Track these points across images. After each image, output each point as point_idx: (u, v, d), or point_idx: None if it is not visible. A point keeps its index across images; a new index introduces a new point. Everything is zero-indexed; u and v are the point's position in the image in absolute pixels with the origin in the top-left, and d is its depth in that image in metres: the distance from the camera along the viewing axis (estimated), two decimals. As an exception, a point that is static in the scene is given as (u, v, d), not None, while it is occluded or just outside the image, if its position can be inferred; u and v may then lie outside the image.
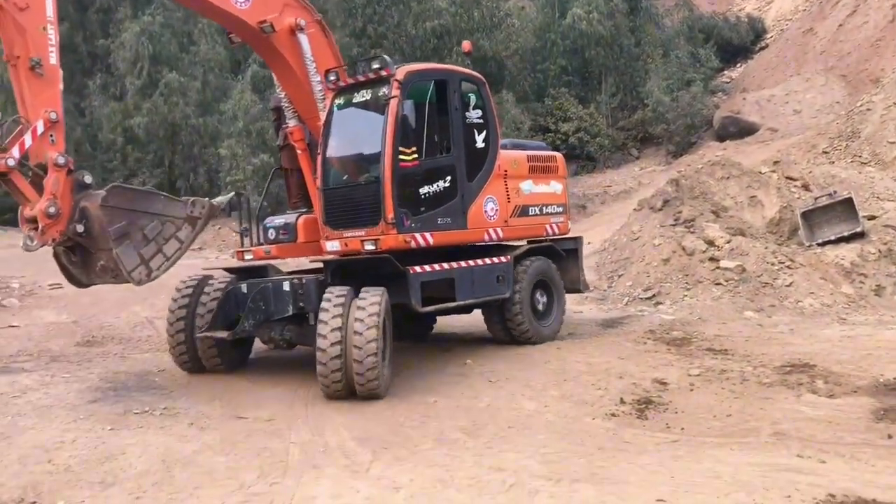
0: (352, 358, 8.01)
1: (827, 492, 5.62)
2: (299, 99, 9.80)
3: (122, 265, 7.32)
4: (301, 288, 8.73)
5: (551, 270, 10.83)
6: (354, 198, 9.23)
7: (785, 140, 26.47)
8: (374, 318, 8.05)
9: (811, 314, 12.51)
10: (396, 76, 8.93)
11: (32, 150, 7.26)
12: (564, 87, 31.98)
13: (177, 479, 6.42)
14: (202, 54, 30.68)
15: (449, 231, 9.43)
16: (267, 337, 9.10)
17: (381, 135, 8.79)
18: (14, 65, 7.38)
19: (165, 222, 7.70)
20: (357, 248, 8.92)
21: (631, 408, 7.90)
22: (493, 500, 5.81)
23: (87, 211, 7.39)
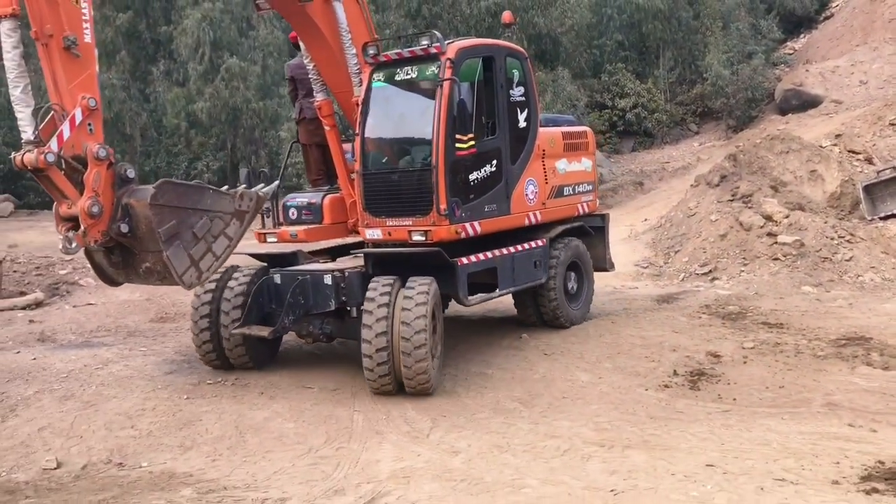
0: (399, 352, 7.66)
1: (876, 458, 5.75)
2: (330, 72, 9.16)
3: (174, 269, 6.68)
4: (343, 281, 8.32)
5: (582, 251, 10.56)
6: (401, 184, 8.64)
7: (850, 112, 25.76)
8: (422, 309, 7.67)
9: (871, 289, 12.38)
10: (448, 54, 8.33)
11: (69, 141, 6.41)
12: (621, 62, 31.61)
13: (249, 444, 6.87)
14: (261, 39, 31.23)
15: (494, 218, 9.01)
16: (305, 331, 8.69)
17: (434, 119, 8.22)
18: (45, 44, 6.39)
19: (214, 218, 7.06)
20: (402, 238, 8.48)
21: (683, 379, 8.07)
22: (548, 464, 6.08)
23: (133, 209, 6.64)
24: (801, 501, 5.06)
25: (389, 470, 6.13)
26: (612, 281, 13.53)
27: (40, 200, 28.56)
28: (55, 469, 6.54)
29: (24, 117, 6.41)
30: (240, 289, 8.76)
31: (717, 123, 30.83)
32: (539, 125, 9.75)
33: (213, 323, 8.74)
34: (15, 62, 6.35)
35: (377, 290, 7.82)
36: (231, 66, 29.11)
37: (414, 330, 7.58)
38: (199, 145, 30.67)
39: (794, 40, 37.23)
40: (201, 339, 8.79)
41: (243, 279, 8.85)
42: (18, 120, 6.45)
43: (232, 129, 30.29)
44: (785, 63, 33.87)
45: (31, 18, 6.35)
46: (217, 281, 8.85)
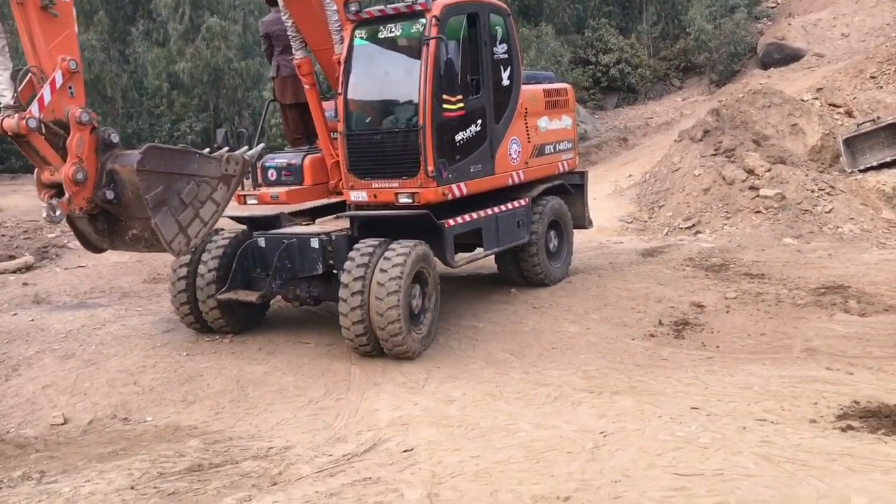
0: (375, 315, 7.56)
1: (852, 399, 6.04)
2: (310, 29, 8.81)
3: (162, 236, 6.47)
4: (330, 244, 8.22)
5: (563, 210, 10.55)
6: (386, 145, 8.49)
7: (831, 66, 25.94)
8: (397, 270, 7.53)
9: (851, 239, 12.68)
10: (433, 12, 8.09)
11: (49, 106, 6.12)
12: (605, 17, 31.53)
13: (251, 397, 7.10)
14: (241, -4, 30.91)
15: (480, 179, 8.90)
16: (292, 295, 8.54)
17: (420, 79, 8.00)
18: (21, 3, 6.08)
19: (201, 183, 6.82)
20: (389, 200, 8.33)
21: (668, 329, 8.34)
22: (540, 409, 6.34)
23: (118, 175, 6.37)
24: (780, 439, 5.34)
25: (388, 418, 6.38)
26: (597, 236, 13.76)
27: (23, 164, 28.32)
28: (62, 424, 6.74)
29: (3, 80, 6.19)
30: (217, 252, 8.65)
31: (700, 78, 30.92)
32: (521, 83, 9.66)
33: (191, 286, 8.64)
34: None
35: (358, 252, 7.78)
36: (212, 26, 28.78)
37: (387, 291, 7.48)
38: (181, 106, 30.41)
39: (776, -7, 37.17)
40: (179, 302, 8.73)
41: (221, 242, 8.74)
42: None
43: (214, 89, 30.05)
44: (767, 17, 33.88)
45: None
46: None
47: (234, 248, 8.73)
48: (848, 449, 5.07)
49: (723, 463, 5.00)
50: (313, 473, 5.39)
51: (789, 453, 5.06)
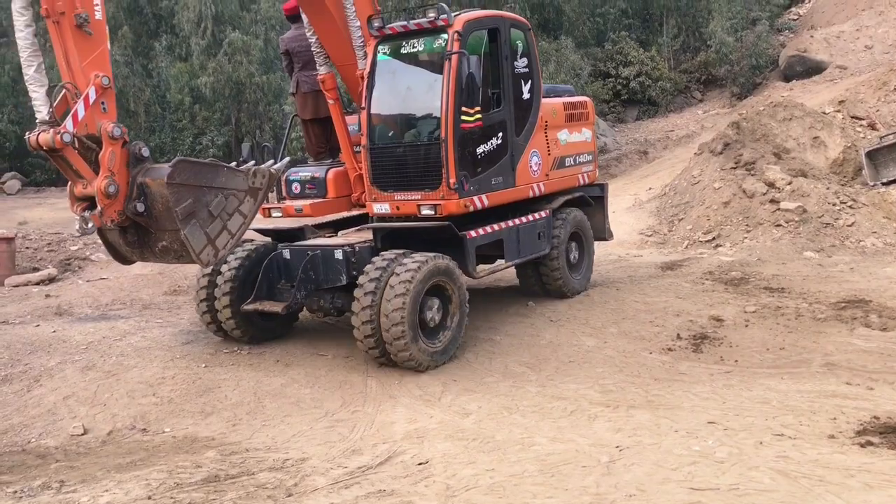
0: (383, 322, 7.65)
1: (872, 414, 5.98)
2: (333, 45, 8.98)
3: (192, 247, 6.62)
4: (354, 255, 8.32)
5: (583, 221, 10.66)
6: (409, 158, 8.62)
7: (854, 78, 25.73)
8: (402, 287, 7.59)
9: (873, 253, 12.55)
10: (455, 27, 8.25)
11: (83, 121, 6.30)
12: (625, 30, 31.54)
13: (268, 408, 7.14)
14: (263, 12, 31.23)
15: (501, 191, 9.01)
16: (316, 306, 8.69)
17: (443, 93, 8.17)
18: (57, 22, 6.24)
19: (229, 196, 6.94)
20: (411, 212, 8.48)
21: (687, 343, 8.29)
22: (556, 423, 6.33)
23: (148, 188, 6.53)
24: (798, 454, 5.29)
25: (404, 431, 6.39)
26: (616, 249, 13.73)
27: (47, 178, 28.81)
28: (82, 435, 6.82)
29: (39, 97, 6.34)
30: (234, 264, 8.80)
31: (722, 91, 30.79)
32: (542, 96, 9.78)
33: (212, 296, 8.82)
34: (28, 41, 6.30)
35: (374, 264, 7.90)
36: (234, 41, 29.15)
37: (392, 307, 7.57)
38: (203, 120, 30.79)
39: (798, 6, 36.97)
40: (201, 311, 8.95)
41: (240, 254, 8.86)
42: (33, 100, 6.38)
43: (236, 103, 30.38)
44: (789, 29, 33.71)
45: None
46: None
47: (251, 260, 8.86)
48: (866, 465, 5.01)
49: (739, 478, 4.96)
50: (328, 485, 5.41)
51: (806, 469, 5.01)
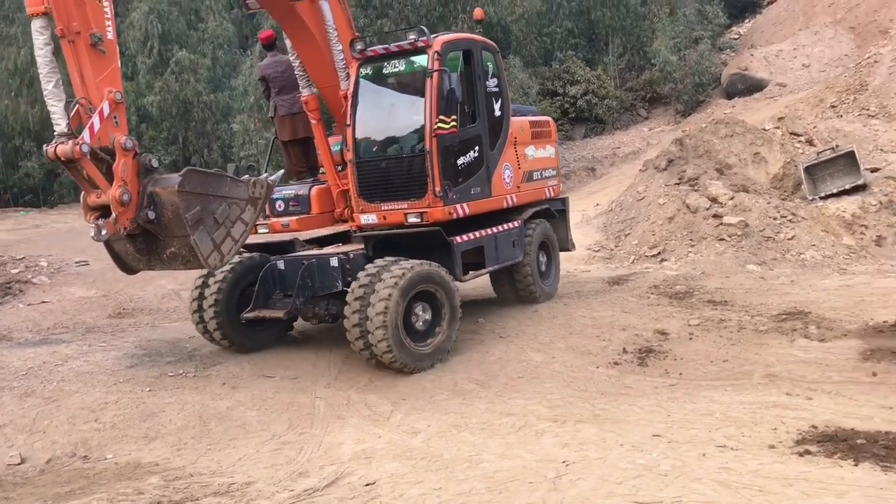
0: (368, 330, 8.04)
1: (810, 424, 6.11)
2: (316, 68, 9.52)
3: (200, 252, 7.04)
4: (348, 262, 8.81)
5: (550, 232, 11.33)
6: (394, 170, 9.11)
7: (793, 95, 26.51)
8: (386, 291, 7.98)
9: (812, 266, 12.90)
10: (434, 47, 8.87)
11: (98, 133, 6.72)
12: (571, 49, 32.08)
13: (213, 432, 7.03)
14: (210, 31, 31.03)
15: (479, 200, 9.54)
16: (311, 313, 9.09)
17: (426, 107, 8.73)
18: (72, 41, 6.68)
19: (232, 205, 7.41)
20: (398, 221, 8.96)
21: (632, 356, 8.40)
22: (504, 440, 6.35)
23: (158, 196, 6.97)
24: (739, 465, 5.39)
25: (351, 451, 6.35)
26: (565, 265, 13.83)
27: (-12, 199, 28.08)
28: (19, 464, 6.62)
29: (57, 111, 6.68)
30: (220, 276, 9.25)
31: (666, 108, 31.46)
32: (510, 114, 10.35)
33: (201, 308, 9.27)
34: (47, 58, 6.64)
35: (366, 272, 8.32)
36: (181, 59, 28.88)
37: (375, 311, 7.96)
38: (149, 139, 30.35)
39: (739, 25, 38.04)
40: (195, 321, 9.43)
41: (224, 268, 9.18)
42: (52, 113, 6.72)
43: (183, 122, 30.07)
44: (731, 48, 34.63)
45: (58, 17, 6.64)
46: (205, 275, 9.42)
47: (236, 273, 9.39)
48: (804, 473, 5.13)
49: (682, 490, 5.03)
50: (274, 509, 5.34)
51: (747, 479, 5.10)
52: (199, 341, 9.97)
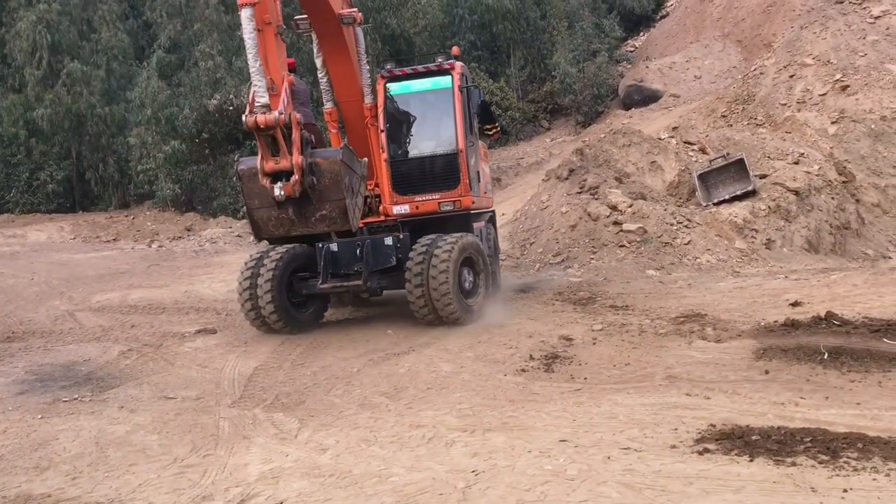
0: (432, 289, 9.84)
1: (709, 422, 6.32)
2: (344, 84, 10.96)
3: (352, 213, 8.48)
4: (399, 241, 10.38)
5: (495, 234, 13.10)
6: (426, 168, 10.98)
7: (686, 105, 27.59)
8: (447, 253, 9.91)
9: (708, 269, 13.41)
10: (458, 70, 11.00)
11: (286, 109, 7.99)
12: (474, 62, 32.44)
13: (111, 459, 6.71)
14: (104, 42, 29.97)
15: (478, 197, 11.35)
16: (366, 287, 10.32)
17: (456, 116, 10.79)
18: (260, 29, 7.99)
19: (359, 178, 8.80)
20: (431, 210, 10.80)
21: (539, 363, 8.51)
22: (413, 452, 6.31)
23: (318, 166, 8.32)
24: (643, 466, 5.52)
25: (258, 472, 6.17)
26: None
27: None
28: None
29: (261, 86, 7.93)
30: (271, 265, 10.39)
31: (567, 119, 32.21)
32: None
33: (253, 294, 10.35)
34: (253, 41, 7.89)
35: (420, 244, 10.15)
36: (72, 71, 27.82)
37: (439, 275, 9.81)
38: (40, 154, 29.05)
39: (634, 38, 39.37)
40: (246, 308, 10.46)
41: (275, 257, 10.51)
42: (256, 88, 7.96)
43: (76, 136, 28.92)
44: (627, 60, 35.77)
45: (258, 9, 8.00)
46: (256, 260, 10.64)
47: (284, 261, 10.52)
48: (704, 472, 5.29)
49: (588, 494, 5.11)
50: (177, 536, 5.14)
51: (650, 480, 5.23)
52: (94, 364, 9.57)
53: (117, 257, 20.02)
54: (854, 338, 8.24)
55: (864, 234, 16.49)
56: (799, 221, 15.38)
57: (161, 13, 30.12)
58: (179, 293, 14.23)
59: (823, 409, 6.42)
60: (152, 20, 31.46)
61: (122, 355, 9.96)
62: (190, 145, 26.32)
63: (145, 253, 21.15)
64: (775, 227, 15.14)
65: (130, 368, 9.32)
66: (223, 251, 20.70)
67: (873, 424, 5.97)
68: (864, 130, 18.44)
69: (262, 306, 10.33)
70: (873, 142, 18.21)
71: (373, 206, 11.17)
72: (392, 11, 29.20)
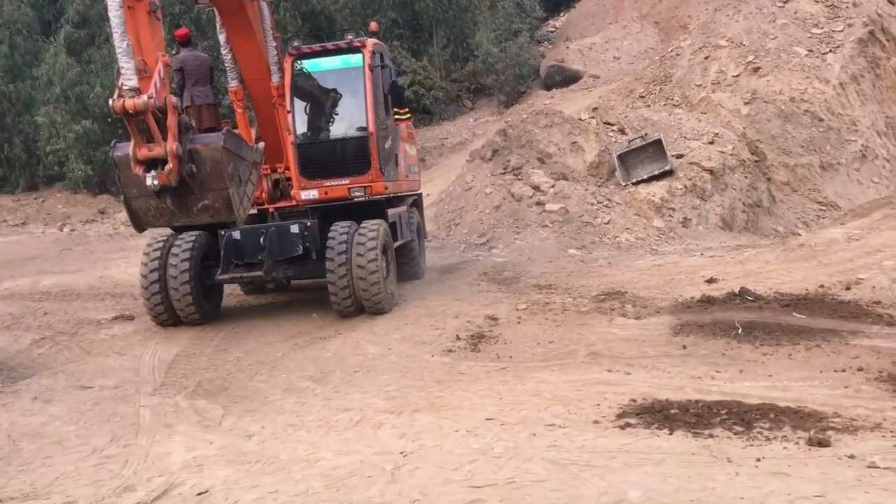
0: (357, 278, 9.50)
1: (629, 397, 6.50)
2: (248, 62, 10.42)
3: (236, 203, 7.97)
4: (306, 230, 9.91)
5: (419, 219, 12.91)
6: (335, 151, 10.37)
7: (606, 86, 28.03)
8: (373, 242, 9.55)
9: (627, 248, 13.73)
10: (368, 47, 10.36)
11: (159, 92, 7.50)
12: (396, 40, 32.16)
13: (25, 452, 6.48)
14: (6, 15, 28.56)
15: (393, 181, 10.99)
16: (270, 276, 9.92)
17: (367, 98, 10.16)
18: (131, 7, 7.49)
19: (248, 166, 8.30)
20: (340, 195, 10.20)
21: (465, 343, 8.59)
22: (341, 436, 6.29)
23: (198, 153, 7.78)
24: (567, 442, 5.63)
25: (181, 461, 6.05)
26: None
27: None
28: None
29: (129, 68, 7.40)
30: (184, 252, 9.85)
31: (490, 99, 32.34)
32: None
33: (162, 282, 9.78)
34: (120, 20, 7.34)
35: (338, 231, 9.69)
36: (-27, 46, 26.42)
37: (367, 259, 9.47)
38: (-61, 134, 27.61)
39: (555, 18, 39.72)
40: (153, 301, 9.85)
41: (185, 244, 9.95)
42: (123, 70, 7.42)
43: (-21, 115, 27.54)
44: (548, 41, 36.08)
45: None
46: (161, 247, 10.00)
47: (197, 248, 10.00)
48: (626, 446, 5.44)
49: (515, 471, 5.19)
50: (97, 529, 5.00)
51: (574, 455, 5.35)
52: (4, 354, 9.20)
53: (26, 242, 19.24)
54: (766, 312, 8.58)
55: (774, 211, 17.15)
56: (714, 200, 15.88)
57: (68, -15, 28.89)
58: (94, 278, 13.77)
59: (738, 382, 6.68)
60: (59, -7, 30.15)
61: (35, 344, 9.60)
62: (102, 125, 25.40)
63: (57, 237, 20.39)
64: (691, 206, 15.59)
65: (44, 358, 9.00)
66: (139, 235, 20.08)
67: (784, 395, 6.25)
68: (774, 111, 19.10)
69: (176, 299, 9.80)
70: (783, 122, 18.89)
71: (285, 189, 10.77)
72: (313, -12, 28.65)
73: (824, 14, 22.10)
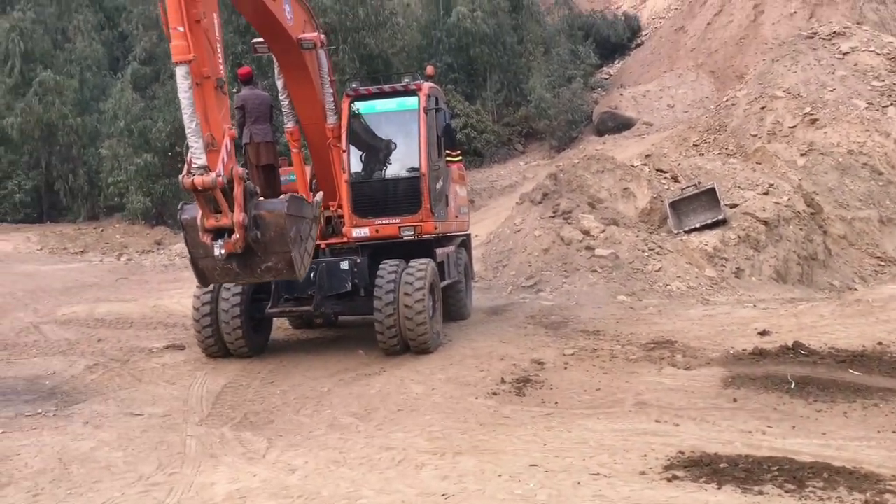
0: (404, 317, 9.54)
1: (678, 449, 6.36)
2: (304, 105, 10.62)
3: (298, 265, 8.14)
4: (356, 266, 10.07)
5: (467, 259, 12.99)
6: (388, 191, 10.68)
7: (659, 133, 27.96)
8: (421, 282, 9.61)
9: (678, 296, 13.54)
10: (424, 91, 10.62)
11: (227, 165, 7.58)
12: (451, 84, 32.59)
13: (75, 476, 6.58)
14: (78, 52, 29.72)
15: (443, 221, 11.14)
16: (318, 312, 10.18)
17: (420, 139, 10.44)
18: (199, 83, 7.48)
19: (308, 223, 8.50)
20: (391, 234, 10.36)
21: (510, 386, 8.52)
22: (383, 475, 6.27)
23: (263, 219, 7.92)
24: (612, 492, 5.53)
25: (225, 492, 6.09)
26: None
27: None
28: None
29: (198, 147, 7.39)
30: (237, 288, 9.99)
31: (542, 143, 32.47)
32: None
33: (213, 316, 10.00)
34: (189, 101, 7.31)
35: (386, 269, 9.81)
36: (45, 80, 27.52)
37: (414, 299, 9.52)
38: (8, 164, 28.63)
39: (609, 66, 39.88)
40: (204, 333, 10.07)
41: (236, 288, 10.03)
42: (193, 149, 7.40)
43: (47, 146, 28.54)
44: (602, 87, 36.20)
45: (196, 64, 7.40)
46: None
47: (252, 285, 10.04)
48: (672, 498, 5.32)
49: (558, 519, 5.11)
50: (140, 556, 5.04)
51: (620, 506, 5.25)
52: (59, 378, 9.41)
53: (85, 270, 19.73)
54: (820, 368, 8.36)
55: (830, 265, 16.77)
56: (768, 251, 15.61)
57: (137, 25, 29.94)
58: (148, 308, 14.06)
59: (790, 438, 6.50)
60: (128, 31, 31.25)
61: (88, 370, 9.81)
62: (162, 159, 26.13)
63: (114, 266, 20.89)
64: (744, 256, 15.34)
65: (96, 383, 9.18)
66: (193, 266, 20.46)
67: (839, 454, 6.05)
68: (831, 163, 18.80)
69: (227, 332, 10.01)
70: (840, 175, 18.57)
71: (337, 226, 10.88)
72: (370, 31, 29.27)
73: (885, 67, 21.81)
